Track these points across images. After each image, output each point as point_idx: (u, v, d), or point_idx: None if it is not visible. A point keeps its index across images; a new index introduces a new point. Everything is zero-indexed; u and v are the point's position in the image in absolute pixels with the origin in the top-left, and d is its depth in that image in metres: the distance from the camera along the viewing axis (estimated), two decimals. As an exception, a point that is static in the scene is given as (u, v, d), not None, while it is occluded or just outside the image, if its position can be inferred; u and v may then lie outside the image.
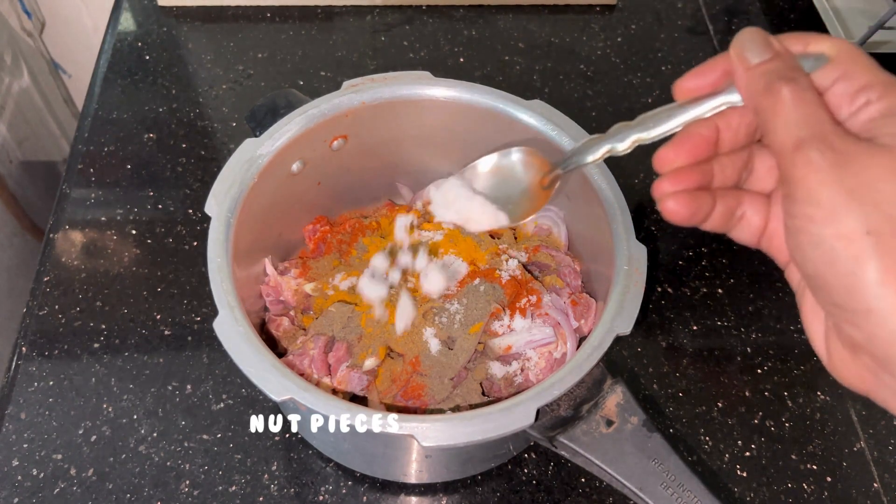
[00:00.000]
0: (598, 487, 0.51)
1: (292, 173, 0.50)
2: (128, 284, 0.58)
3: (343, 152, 0.52)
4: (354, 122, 0.50)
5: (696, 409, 0.55)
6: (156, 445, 0.51)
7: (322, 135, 0.50)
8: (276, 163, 0.47)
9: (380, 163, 0.55)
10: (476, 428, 0.36)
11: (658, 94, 0.75)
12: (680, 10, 0.83)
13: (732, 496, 0.51)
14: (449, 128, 0.52)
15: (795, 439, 0.54)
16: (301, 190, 0.52)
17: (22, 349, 0.55)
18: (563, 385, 0.38)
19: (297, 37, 0.77)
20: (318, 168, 0.51)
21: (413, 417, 0.37)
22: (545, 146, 0.48)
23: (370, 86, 0.49)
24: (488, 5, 0.81)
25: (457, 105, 0.50)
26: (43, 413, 0.52)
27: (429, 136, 0.53)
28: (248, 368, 0.38)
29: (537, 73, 0.76)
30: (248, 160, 0.46)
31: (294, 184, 0.50)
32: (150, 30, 0.77)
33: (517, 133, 0.50)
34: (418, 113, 0.51)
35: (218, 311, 0.40)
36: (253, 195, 0.46)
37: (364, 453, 0.48)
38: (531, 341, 0.47)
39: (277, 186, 0.49)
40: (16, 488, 0.49)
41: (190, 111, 0.70)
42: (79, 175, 0.65)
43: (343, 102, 0.49)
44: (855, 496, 0.52)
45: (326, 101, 0.49)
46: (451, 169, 0.55)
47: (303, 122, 0.48)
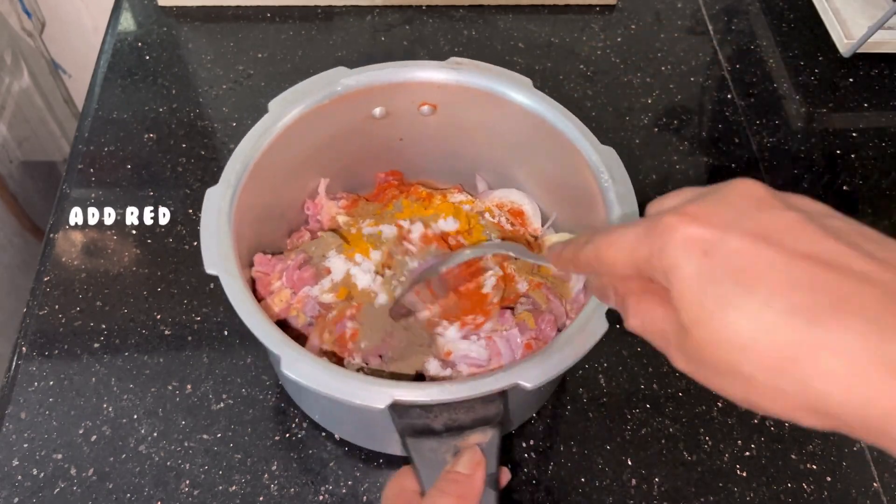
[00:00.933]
0: (598, 487, 0.51)
1: (373, 116, 0.52)
2: (128, 284, 0.58)
3: (430, 121, 0.53)
4: (445, 96, 0.51)
5: (696, 409, 0.55)
6: (156, 445, 0.51)
7: (412, 93, 0.51)
8: (357, 99, 0.50)
9: (461, 147, 0.56)
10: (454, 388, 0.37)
11: (658, 94, 0.75)
12: (680, 10, 0.83)
13: (732, 496, 0.51)
14: (533, 143, 0.52)
15: (795, 439, 0.54)
16: (380, 137, 0.54)
17: (22, 349, 0.55)
18: (561, 365, 0.38)
19: (297, 37, 0.77)
20: (401, 124, 0.53)
21: (505, 371, 0.38)
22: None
23: (472, 70, 0.50)
24: (488, 5, 0.81)
25: (541, 123, 0.50)
26: (43, 413, 0.52)
27: (512, 143, 0.53)
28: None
29: (537, 73, 0.76)
30: (329, 83, 0.49)
31: (373, 128, 0.53)
32: (150, 30, 0.77)
33: (580, 176, 0.49)
34: (507, 114, 0.51)
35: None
36: (325, 114, 0.49)
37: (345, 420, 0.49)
38: (467, 356, 0.47)
39: (355, 123, 0.51)
40: (16, 488, 0.49)
41: (190, 111, 0.70)
42: (79, 175, 0.65)
43: (440, 74, 0.50)
44: (855, 496, 0.52)
45: (424, 66, 0.50)
46: (526, 182, 0.57)
47: (393, 72, 0.49)
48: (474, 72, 0.50)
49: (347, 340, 0.47)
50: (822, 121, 0.74)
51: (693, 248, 0.26)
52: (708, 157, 0.71)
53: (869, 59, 0.79)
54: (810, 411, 0.24)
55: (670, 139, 0.71)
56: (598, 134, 0.48)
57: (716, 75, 0.77)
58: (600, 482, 0.51)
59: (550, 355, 0.39)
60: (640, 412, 0.54)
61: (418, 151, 0.56)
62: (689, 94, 0.75)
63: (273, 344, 0.38)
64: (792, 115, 0.74)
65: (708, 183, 0.75)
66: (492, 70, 0.50)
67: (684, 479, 0.52)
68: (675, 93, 0.75)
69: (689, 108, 0.74)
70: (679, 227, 0.26)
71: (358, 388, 0.37)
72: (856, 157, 0.72)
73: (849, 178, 0.70)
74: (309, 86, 0.49)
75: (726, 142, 0.72)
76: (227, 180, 0.45)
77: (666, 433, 0.54)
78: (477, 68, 0.50)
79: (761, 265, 0.25)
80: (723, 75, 0.77)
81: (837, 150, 0.72)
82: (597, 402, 0.55)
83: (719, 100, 0.75)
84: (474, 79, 0.50)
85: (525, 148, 0.53)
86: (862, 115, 0.75)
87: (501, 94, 0.50)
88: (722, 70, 0.78)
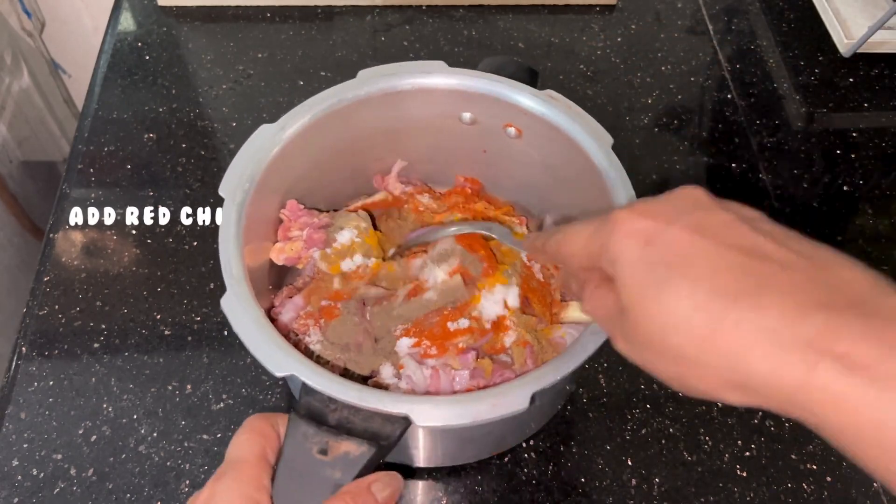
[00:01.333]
0: (598, 487, 0.51)
1: (462, 120, 0.52)
2: (128, 284, 0.58)
3: (514, 143, 0.52)
4: (531, 125, 0.50)
5: (696, 409, 0.55)
6: (156, 445, 0.51)
7: (500, 111, 0.50)
8: (448, 97, 0.50)
9: (537, 180, 0.54)
10: (468, 409, 0.36)
11: (658, 94, 0.75)
12: (680, 10, 0.83)
13: (732, 496, 0.51)
14: (600, 209, 0.50)
15: (795, 439, 0.54)
16: (465, 142, 0.53)
17: (22, 349, 0.55)
18: (558, 372, 0.38)
19: (297, 37, 0.77)
20: (487, 137, 0.52)
21: (410, 398, 0.37)
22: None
23: (559, 108, 0.48)
24: (488, 5, 0.81)
25: (606, 189, 0.47)
26: (43, 413, 0.52)
27: (586, 199, 0.49)
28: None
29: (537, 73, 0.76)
30: (423, 73, 0.50)
31: (460, 130, 0.52)
32: (150, 30, 0.77)
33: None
34: (582, 168, 0.48)
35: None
36: (413, 100, 0.50)
37: None
38: (410, 377, 0.46)
39: (443, 120, 0.52)
40: (16, 488, 0.49)
41: (190, 111, 0.70)
42: (79, 175, 0.65)
43: (529, 100, 0.49)
44: (855, 496, 0.52)
45: (514, 87, 0.49)
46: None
47: (485, 83, 0.49)
48: (560, 110, 0.48)
49: (321, 315, 0.48)
50: (822, 121, 0.74)
51: (637, 238, 0.29)
52: (708, 157, 0.71)
53: (869, 59, 0.79)
54: (734, 387, 0.26)
55: (670, 139, 0.71)
56: (598, 134, 0.48)
57: (716, 75, 0.77)
58: (600, 482, 0.51)
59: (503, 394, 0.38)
60: (640, 412, 0.54)
61: (499, 169, 0.55)
62: (690, 94, 0.75)
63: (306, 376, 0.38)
64: (792, 115, 0.74)
65: (708, 183, 0.75)
66: (580, 115, 0.48)
67: (684, 479, 0.52)
68: (675, 93, 0.75)
69: (689, 108, 0.74)
70: (627, 220, 0.30)
71: (494, 398, 0.37)
72: (856, 157, 0.72)
73: (849, 178, 0.70)
74: (403, 68, 0.50)
75: (726, 142, 0.72)
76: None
77: (666, 433, 0.54)
78: (567, 108, 0.48)
79: (695, 253, 0.27)
80: (723, 75, 0.77)
81: (837, 150, 0.72)
82: (597, 402, 0.55)
83: (719, 100, 0.75)
84: (558, 117, 0.48)
85: (593, 209, 0.50)
86: (862, 115, 0.75)
87: (580, 144, 0.47)
88: (722, 70, 0.78)
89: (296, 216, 0.50)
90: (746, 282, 0.26)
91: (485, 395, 0.37)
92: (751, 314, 0.25)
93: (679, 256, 0.27)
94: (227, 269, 0.41)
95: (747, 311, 0.25)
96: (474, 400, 0.37)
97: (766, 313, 0.25)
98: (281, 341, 0.39)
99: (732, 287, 0.26)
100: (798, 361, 0.24)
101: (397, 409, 0.36)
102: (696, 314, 0.26)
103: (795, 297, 0.25)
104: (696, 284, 0.26)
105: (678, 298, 0.26)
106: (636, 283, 0.28)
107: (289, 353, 0.38)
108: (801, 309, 0.24)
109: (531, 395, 0.37)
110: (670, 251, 0.28)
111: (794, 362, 0.24)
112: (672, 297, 0.27)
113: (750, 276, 0.26)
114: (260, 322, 0.39)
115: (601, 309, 0.32)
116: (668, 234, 0.28)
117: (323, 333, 0.48)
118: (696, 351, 0.26)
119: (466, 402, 0.37)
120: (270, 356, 0.38)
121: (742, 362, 0.25)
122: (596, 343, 0.39)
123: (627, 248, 0.29)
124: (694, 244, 0.27)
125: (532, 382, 0.38)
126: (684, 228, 0.28)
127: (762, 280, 0.25)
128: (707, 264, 0.26)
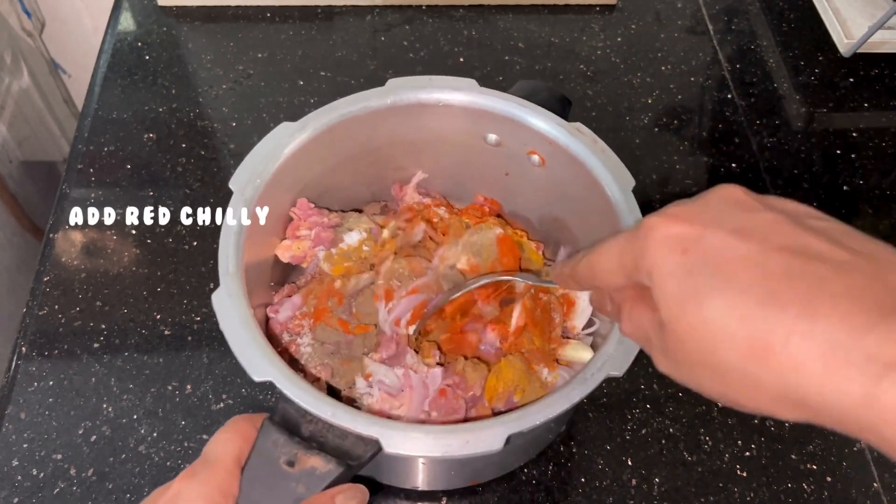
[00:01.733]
0: (598, 487, 0.51)
1: (487, 141, 0.51)
2: (128, 284, 0.58)
3: (538, 171, 0.51)
4: (554, 155, 0.49)
5: (696, 409, 0.55)
6: (156, 445, 0.51)
7: (524, 137, 0.49)
8: (471, 116, 0.49)
9: (556, 211, 0.53)
10: (440, 442, 0.36)
11: (658, 94, 0.75)
12: (680, 10, 0.83)
13: (732, 496, 0.51)
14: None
15: (795, 439, 0.54)
16: (488, 163, 0.53)
17: (22, 349, 0.55)
18: (538, 416, 0.37)
19: (297, 37, 0.77)
20: (510, 161, 0.52)
21: (383, 422, 0.36)
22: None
23: (583, 141, 0.47)
24: (488, 5, 0.81)
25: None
26: (43, 413, 0.52)
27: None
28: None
29: (537, 73, 0.76)
30: (454, 89, 0.49)
31: (484, 151, 0.52)
32: (150, 30, 0.77)
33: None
34: (603, 210, 0.47)
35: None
36: (435, 115, 0.50)
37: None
38: (381, 381, 0.46)
39: (466, 138, 0.51)
40: (16, 488, 0.49)
41: (190, 111, 0.70)
42: (79, 175, 0.65)
43: (553, 129, 0.48)
44: (855, 496, 0.52)
45: (540, 113, 0.48)
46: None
47: (511, 106, 0.48)
48: (586, 145, 0.47)
49: (314, 315, 0.48)
50: (822, 121, 0.74)
51: (673, 246, 0.26)
52: (708, 157, 0.71)
53: (869, 59, 0.79)
54: (786, 403, 0.24)
55: (670, 139, 0.71)
56: (598, 133, 0.48)
57: (716, 75, 0.77)
58: (600, 482, 0.51)
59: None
60: (640, 412, 0.54)
61: (519, 194, 0.54)
62: (690, 94, 0.75)
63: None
64: (792, 115, 0.74)
65: (708, 183, 0.75)
66: (605, 153, 0.46)
67: (684, 479, 0.52)
68: (675, 93, 0.75)
69: (690, 108, 0.74)
70: (660, 226, 0.27)
71: (467, 433, 0.36)
72: (856, 157, 0.72)
73: (849, 178, 0.70)
74: (433, 82, 0.49)
75: (726, 142, 0.72)
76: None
77: (666, 433, 0.54)
78: (593, 143, 0.47)
79: (738, 258, 0.25)
80: (723, 75, 0.77)
81: (837, 150, 0.72)
82: (597, 402, 0.55)
83: (719, 100, 0.75)
84: (582, 152, 0.47)
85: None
86: (862, 115, 0.75)
87: (601, 182, 0.46)
88: (722, 70, 0.78)
89: (306, 215, 0.50)
90: (797, 287, 0.23)
91: (460, 429, 0.36)
92: (803, 324, 0.22)
93: (720, 263, 0.25)
94: (223, 264, 0.41)
95: (800, 320, 0.22)
96: (448, 433, 0.36)
97: (820, 322, 0.22)
98: (264, 345, 0.38)
99: (782, 294, 0.23)
100: (859, 376, 0.21)
101: (369, 431, 0.35)
102: (742, 326, 0.24)
103: (853, 303, 0.22)
104: (742, 293, 0.24)
105: (722, 310, 0.24)
106: (675, 295, 0.26)
107: (270, 358, 0.38)
108: (860, 316, 0.22)
109: (507, 436, 0.36)
110: (710, 258, 0.25)
111: (855, 377, 0.21)
112: (715, 308, 0.24)
113: (801, 281, 0.23)
114: (247, 323, 0.39)
115: (639, 329, 0.30)
116: (707, 240, 0.26)
117: (313, 334, 0.48)
118: (745, 366, 0.24)
119: (439, 435, 0.36)
120: (251, 359, 0.37)
121: (795, 378, 0.23)
122: (582, 392, 0.37)
123: (663, 257, 0.26)
124: (736, 249, 0.25)
125: (510, 423, 0.36)
126: (724, 232, 0.26)
127: (815, 284, 0.23)
128: (752, 270, 0.24)
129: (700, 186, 0.67)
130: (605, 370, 0.38)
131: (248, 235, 0.43)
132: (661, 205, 0.29)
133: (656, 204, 0.66)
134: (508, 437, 0.36)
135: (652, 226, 0.27)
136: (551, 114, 0.48)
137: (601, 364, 0.38)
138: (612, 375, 0.38)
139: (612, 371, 0.38)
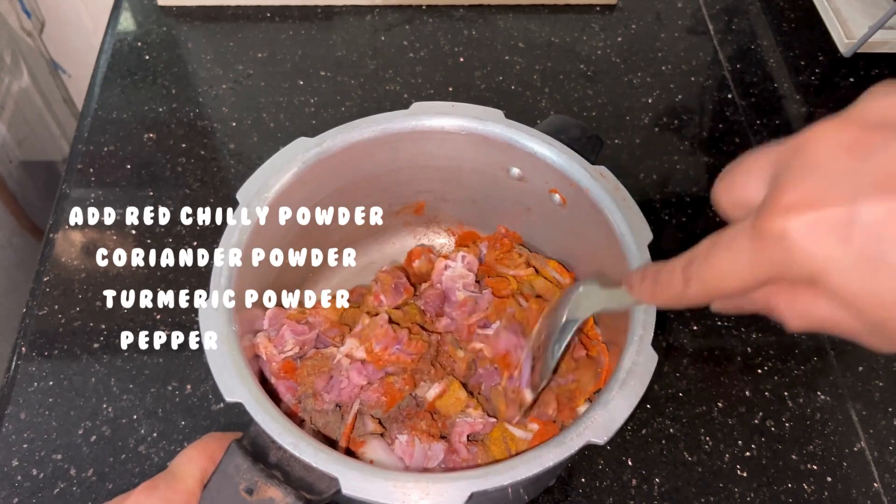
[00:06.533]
0: (598, 487, 0.51)
1: (511, 174, 0.50)
2: (128, 284, 0.58)
3: (559, 211, 0.50)
4: (575, 196, 0.47)
5: (696, 409, 0.55)
6: (156, 445, 0.51)
7: (545, 175, 0.48)
8: (495, 147, 0.48)
9: (577, 251, 0.52)
10: (394, 485, 0.35)
11: (658, 94, 0.75)
12: (680, 10, 0.83)
13: (733, 496, 0.51)
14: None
15: (796, 439, 0.54)
16: (511, 196, 0.51)
17: (22, 349, 0.55)
18: (504, 477, 0.35)
19: (297, 37, 0.77)
20: (533, 197, 0.50)
21: (345, 461, 0.35)
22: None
23: (605, 187, 0.45)
24: (488, 5, 0.81)
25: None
26: (43, 413, 0.52)
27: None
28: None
29: (537, 72, 0.76)
30: (480, 119, 0.48)
31: (508, 184, 0.51)
32: (150, 30, 0.77)
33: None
34: (618, 259, 0.45)
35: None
36: (455, 144, 0.49)
37: None
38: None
39: (491, 169, 0.50)
40: (16, 488, 0.49)
41: (190, 111, 0.70)
42: (79, 175, 0.65)
43: (576, 170, 0.46)
44: (855, 496, 0.52)
45: (563, 152, 0.47)
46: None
47: (533, 142, 0.47)
48: (607, 192, 0.45)
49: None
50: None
51: (827, 242, 0.22)
52: (708, 157, 0.71)
53: (869, 59, 0.79)
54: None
55: (670, 139, 0.71)
56: (597, 133, 0.48)
57: (716, 75, 0.77)
58: (600, 482, 0.51)
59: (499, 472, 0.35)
60: (640, 412, 0.54)
61: (539, 230, 0.53)
62: (690, 93, 0.75)
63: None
64: (792, 115, 0.74)
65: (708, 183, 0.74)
66: (626, 202, 0.45)
67: (684, 480, 0.52)
68: (676, 93, 0.75)
69: (690, 107, 0.74)
70: (792, 230, 0.23)
71: (431, 484, 0.35)
72: (856, 157, 0.72)
73: (849, 178, 0.70)
74: (458, 109, 0.48)
75: (727, 142, 0.72)
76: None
77: (666, 433, 0.54)
78: (614, 190, 0.45)
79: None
80: (723, 75, 0.77)
81: (838, 150, 0.72)
82: (597, 402, 0.55)
83: (720, 100, 0.75)
84: (603, 199, 0.45)
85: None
86: (862, 115, 0.75)
87: (616, 232, 0.44)
88: (722, 70, 0.78)
89: (278, 345, 0.45)
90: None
91: (422, 479, 0.35)
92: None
93: (893, 233, 0.21)
94: (216, 276, 0.41)
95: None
96: (408, 481, 0.35)
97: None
98: (242, 365, 0.38)
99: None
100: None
101: (328, 468, 0.34)
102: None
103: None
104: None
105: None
106: (866, 289, 0.22)
107: (244, 379, 0.37)
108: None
109: (470, 493, 0.34)
110: (878, 233, 0.22)
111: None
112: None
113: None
114: (229, 340, 0.38)
115: (821, 321, 0.25)
116: (861, 219, 0.22)
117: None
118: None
119: (398, 481, 0.35)
120: (225, 378, 0.37)
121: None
122: (557, 457, 0.36)
123: (823, 262, 0.23)
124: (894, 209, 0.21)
125: (474, 480, 0.35)
126: (877, 200, 0.22)
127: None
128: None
129: (700, 186, 0.67)
130: (586, 436, 0.36)
131: (250, 243, 0.43)
132: (660, 205, 0.28)
133: (656, 204, 0.66)
134: (472, 493, 0.34)
135: (783, 227, 0.23)
136: (576, 154, 0.47)
137: (582, 429, 0.36)
138: (593, 443, 0.36)
139: (593, 438, 0.36)
